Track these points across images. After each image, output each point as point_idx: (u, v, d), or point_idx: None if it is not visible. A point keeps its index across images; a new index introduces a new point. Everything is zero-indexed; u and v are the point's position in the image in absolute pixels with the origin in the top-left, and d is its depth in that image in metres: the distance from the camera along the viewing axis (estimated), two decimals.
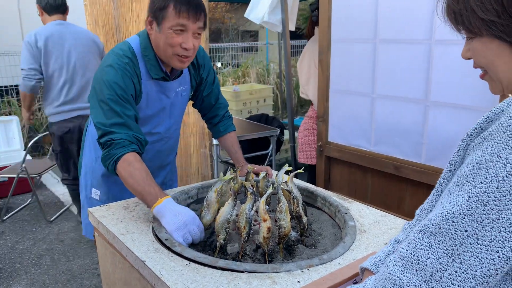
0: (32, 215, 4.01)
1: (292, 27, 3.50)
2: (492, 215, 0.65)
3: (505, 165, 0.65)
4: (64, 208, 4.11)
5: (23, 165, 3.67)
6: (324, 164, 2.53)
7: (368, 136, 2.25)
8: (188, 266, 1.17)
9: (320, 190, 1.75)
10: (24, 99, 3.31)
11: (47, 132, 3.74)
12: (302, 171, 1.74)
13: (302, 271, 1.15)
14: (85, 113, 3.31)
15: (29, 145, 3.75)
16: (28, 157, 4.26)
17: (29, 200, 4.27)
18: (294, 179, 1.80)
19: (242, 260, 1.29)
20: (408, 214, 2.09)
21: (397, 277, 0.74)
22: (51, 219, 3.88)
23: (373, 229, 1.42)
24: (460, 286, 0.67)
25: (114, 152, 1.47)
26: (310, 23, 3.11)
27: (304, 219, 1.41)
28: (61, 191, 4.59)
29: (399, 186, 2.16)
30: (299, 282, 1.10)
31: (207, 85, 1.90)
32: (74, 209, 4.13)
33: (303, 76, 3.14)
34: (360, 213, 1.55)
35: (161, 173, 1.96)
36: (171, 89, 1.73)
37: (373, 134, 2.23)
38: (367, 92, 2.21)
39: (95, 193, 1.87)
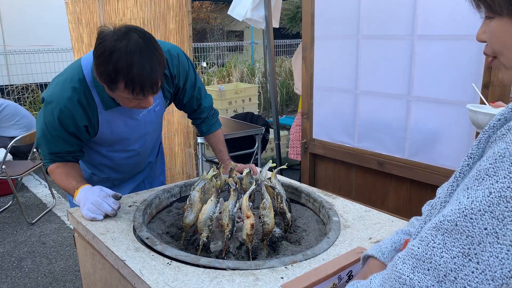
0: (13, 218, 3.92)
1: (275, 24, 3.49)
2: None
3: None
4: (46, 210, 4.03)
5: (3, 166, 3.59)
6: (309, 161, 2.53)
7: (352, 132, 2.25)
8: (170, 264, 1.15)
9: (304, 187, 1.74)
10: None
11: (27, 133, 3.74)
12: (286, 167, 1.73)
13: (285, 267, 1.14)
14: None
15: (9, 146, 3.66)
16: (9, 157, 4.17)
17: (10, 202, 4.18)
18: (279, 175, 1.79)
19: (225, 257, 1.28)
20: (392, 209, 2.10)
21: (407, 276, 0.69)
22: (33, 221, 3.80)
23: (357, 224, 1.41)
24: None
25: (44, 163, 1.62)
26: None
27: (288, 215, 1.40)
28: (43, 193, 4.50)
29: (383, 182, 2.16)
30: (282, 278, 1.09)
31: (186, 92, 1.76)
32: (56, 210, 4.06)
33: (296, 72, 3.14)
34: (344, 208, 1.54)
35: (139, 176, 1.92)
36: (136, 112, 1.60)
37: (356, 130, 2.23)
38: (351, 89, 2.21)
39: None
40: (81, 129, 1.51)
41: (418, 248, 0.70)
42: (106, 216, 1.44)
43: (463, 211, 0.65)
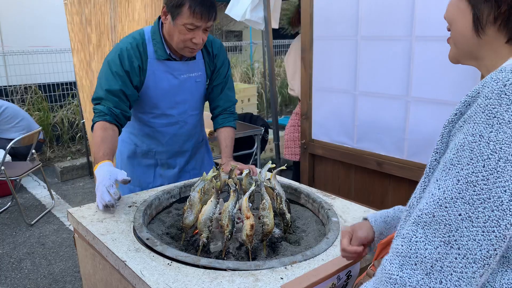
0: (12, 219, 3.92)
1: (275, 25, 3.48)
2: (483, 195, 0.65)
3: (488, 143, 0.65)
4: (46, 211, 4.03)
5: (2, 168, 3.58)
6: (308, 161, 2.54)
7: (351, 133, 2.26)
8: (170, 265, 1.15)
9: (303, 187, 1.74)
10: None
11: (26, 134, 3.73)
12: (285, 168, 1.74)
13: (285, 268, 1.14)
14: None
15: (7, 147, 3.66)
16: (8, 158, 4.17)
17: (9, 203, 4.18)
18: (278, 176, 1.79)
19: (225, 258, 1.28)
20: None
21: (397, 275, 0.70)
22: (32, 223, 3.80)
23: None
24: (462, 272, 0.65)
25: (93, 120, 1.75)
26: (296, 13, 3.11)
27: (288, 216, 1.40)
28: (42, 194, 4.50)
29: (382, 182, 2.17)
30: (282, 278, 1.09)
31: (219, 76, 1.98)
32: (56, 211, 4.06)
33: (289, 71, 3.15)
34: (343, 209, 1.55)
35: (179, 159, 2.01)
36: (178, 70, 1.84)
37: (355, 131, 2.24)
38: (350, 89, 2.22)
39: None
40: (135, 70, 1.76)
41: (402, 246, 0.72)
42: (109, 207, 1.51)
43: (437, 202, 0.69)
